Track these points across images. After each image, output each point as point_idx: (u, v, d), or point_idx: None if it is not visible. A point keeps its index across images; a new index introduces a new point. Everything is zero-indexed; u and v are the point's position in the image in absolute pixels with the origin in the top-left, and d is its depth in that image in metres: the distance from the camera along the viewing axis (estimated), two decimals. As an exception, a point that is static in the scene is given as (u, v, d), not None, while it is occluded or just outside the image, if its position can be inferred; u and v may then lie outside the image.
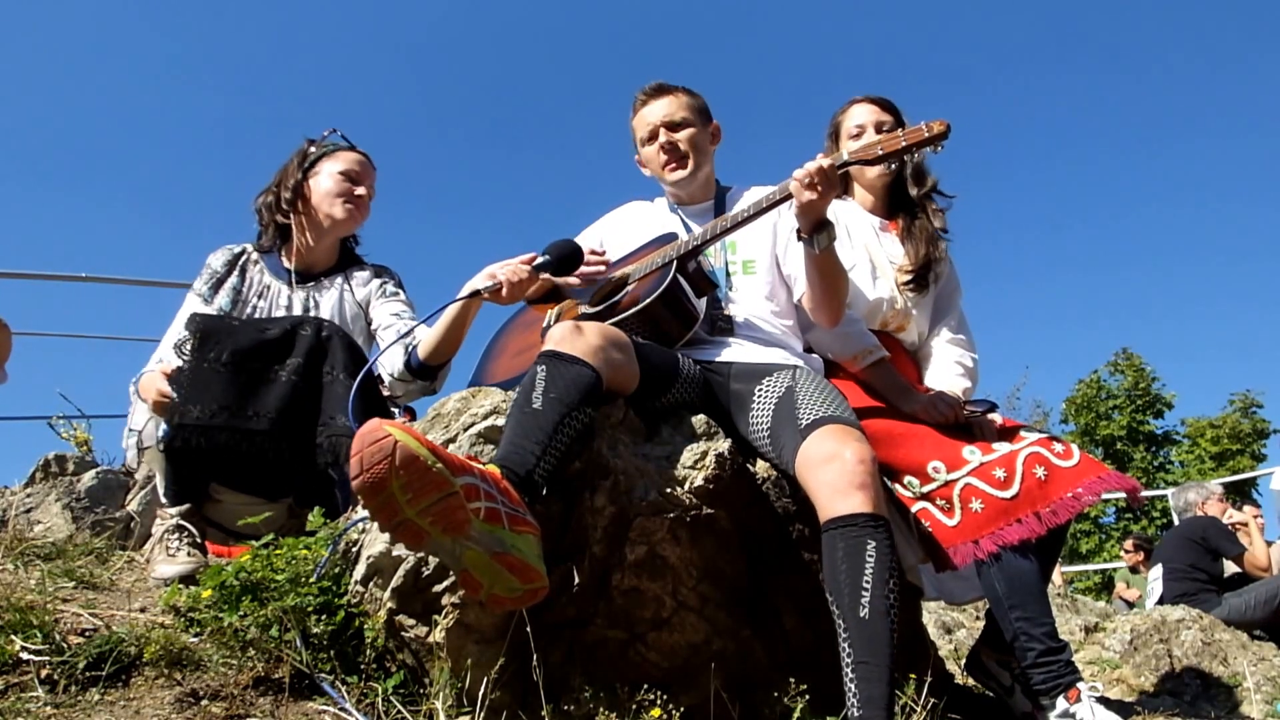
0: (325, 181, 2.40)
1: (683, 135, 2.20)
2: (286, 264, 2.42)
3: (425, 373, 2.24)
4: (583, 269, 2.08)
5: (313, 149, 2.46)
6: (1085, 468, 1.81)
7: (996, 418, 2.01)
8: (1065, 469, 1.81)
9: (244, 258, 2.42)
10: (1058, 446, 1.86)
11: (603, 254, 2.13)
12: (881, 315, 2.26)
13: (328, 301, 2.38)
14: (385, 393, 2.29)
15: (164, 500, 2.11)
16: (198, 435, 1.94)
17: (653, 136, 2.22)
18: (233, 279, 2.36)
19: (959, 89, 36.38)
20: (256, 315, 2.33)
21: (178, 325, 2.29)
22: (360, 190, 2.42)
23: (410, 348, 2.24)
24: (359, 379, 1.83)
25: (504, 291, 1.93)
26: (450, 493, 1.26)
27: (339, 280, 2.43)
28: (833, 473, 1.56)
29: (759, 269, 2.12)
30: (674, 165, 2.20)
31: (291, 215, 2.40)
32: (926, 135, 1.73)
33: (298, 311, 2.35)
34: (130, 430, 2.20)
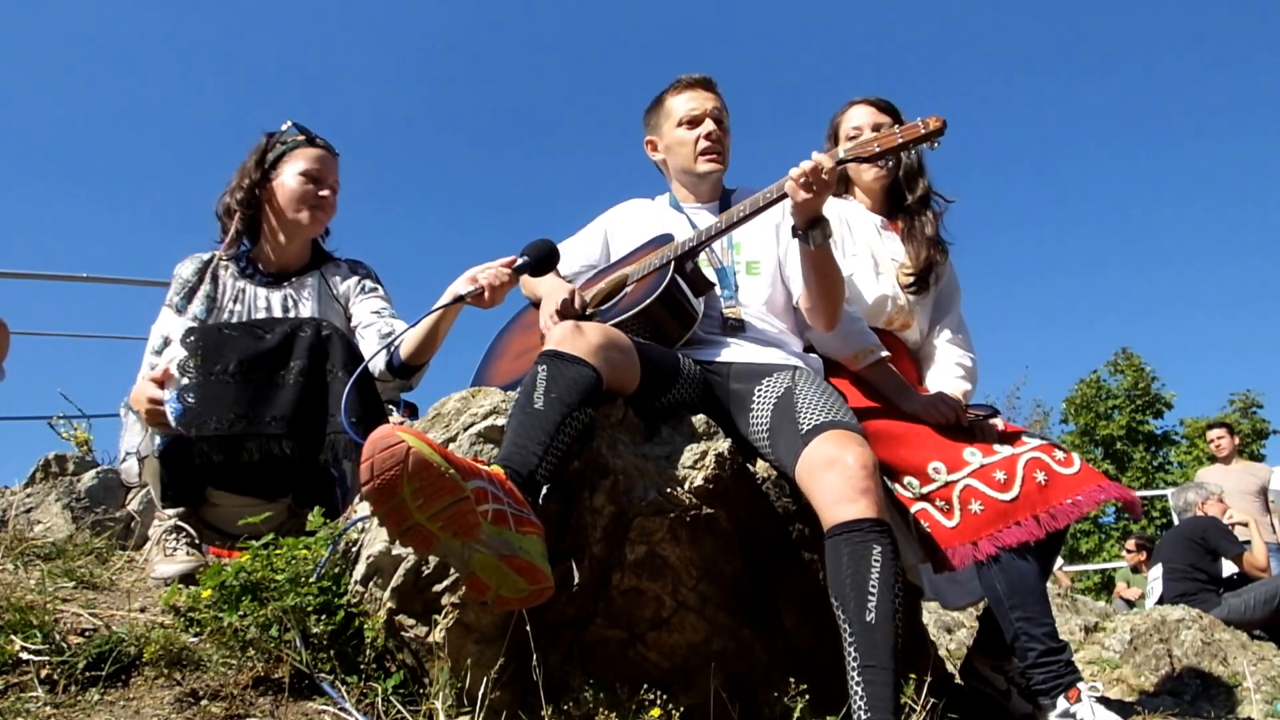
0: (289, 182, 2.35)
1: (725, 136, 2.21)
2: (260, 266, 2.39)
3: (405, 372, 2.27)
4: (553, 316, 1.99)
5: (271, 147, 2.40)
6: (1085, 476, 1.82)
7: (998, 423, 2.01)
8: (1066, 475, 1.81)
9: (214, 264, 2.38)
10: (1059, 454, 1.86)
11: (582, 295, 2.08)
12: (885, 313, 2.26)
13: (308, 302, 2.37)
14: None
15: (159, 506, 2.11)
16: (218, 447, 1.94)
17: (695, 122, 2.19)
18: (205, 286, 2.33)
19: (959, 88, 36.38)
20: (235, 320, 2.30)
21: (154, 340, 2.26)
22: (324, 191, 2.38)
23: (392, 349, 2.25)
24: (352, 381, 1.84)
25: (486, 295, 1.94)
26: (461, 497, 1.26)
27: (315, 279, 2.42)
28: (835, 478, 1.56)
29: (763, 269, 2.12)
30: (714, 157, 2.18)
31: (254, 216, 2.36)
32: (923, 132, 1.72)
33: (277, 312, 2.34)
34: (127, 453, 2.19)
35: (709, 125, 2.18)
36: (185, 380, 1.99)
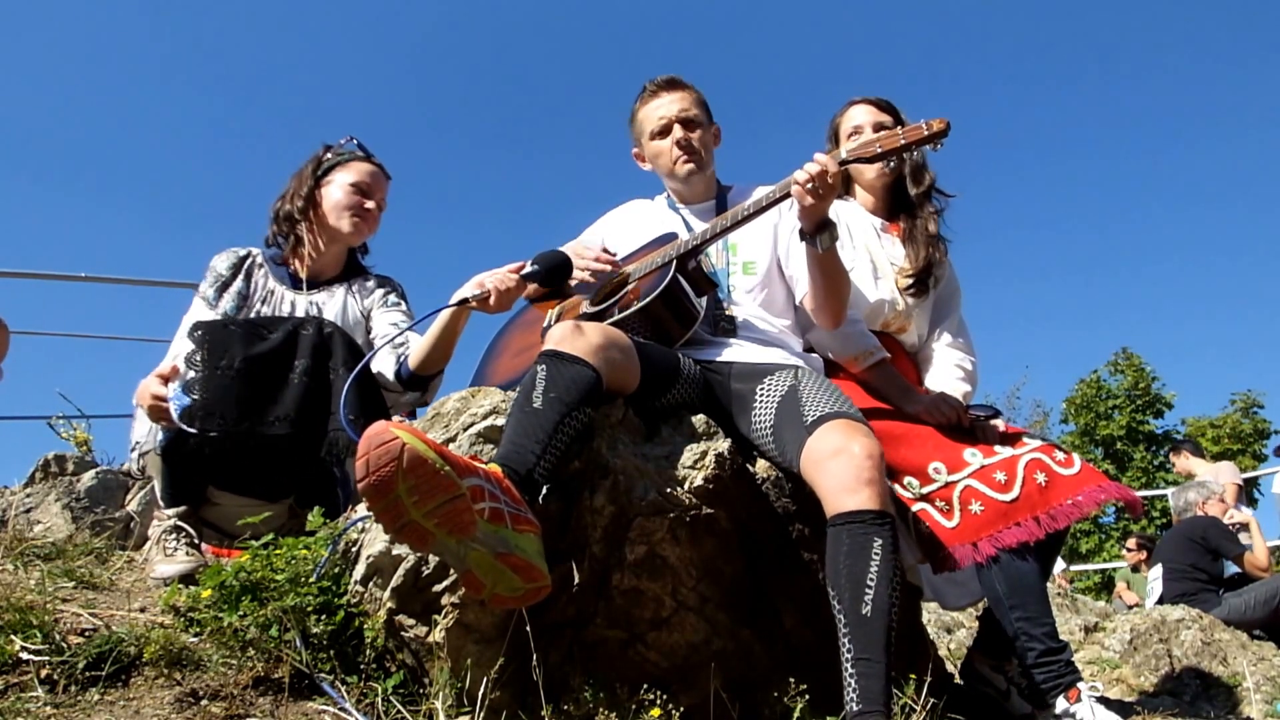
0: (336, 192, 2.39)
1: (696, 134, 2.19)
2: (294, 269, 2.41)
3: (416, 383, 2.26)
4: (592, 264, 2.07)
5: (327, 156, 2.45)
6: (1086, 476, 1.81)
7: (999, 424, 2.01)
8: (1066, 476, 1.81)
9: (249, 261, 2.41)
10: (1059, 454, 1.86)
11: (613, 255, 2.13)
12: (883, 317, 2.26)
13: (331, 309, 2.38)
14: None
15: (161, 503, 2.12)
16: (223, 444, 1.95)
17: (665, 131, 2.19)
18: (238, 283, 2.36)
19: (959, 88, 36.40)
20: None
21: (184, 329, 2.28)
22: (369, 204, 2.41)
23: (401, 358, 2.25)
24: (349, 381, 1.84)
25: (492, 300, 1.94)
26: (457, 495, 1.26)
27: (343, 289, 2.44)
28: (840, 467, 1.55)
29: (759, 269, 2.12)
30: (688, 160, 2.17)
31: (303, 222, 2.40)
32: (926, 133, 1.72)
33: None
34: (135, 444, 2.20)
35: (677, 132, 2.17)
36: (191, 374, 2.00)
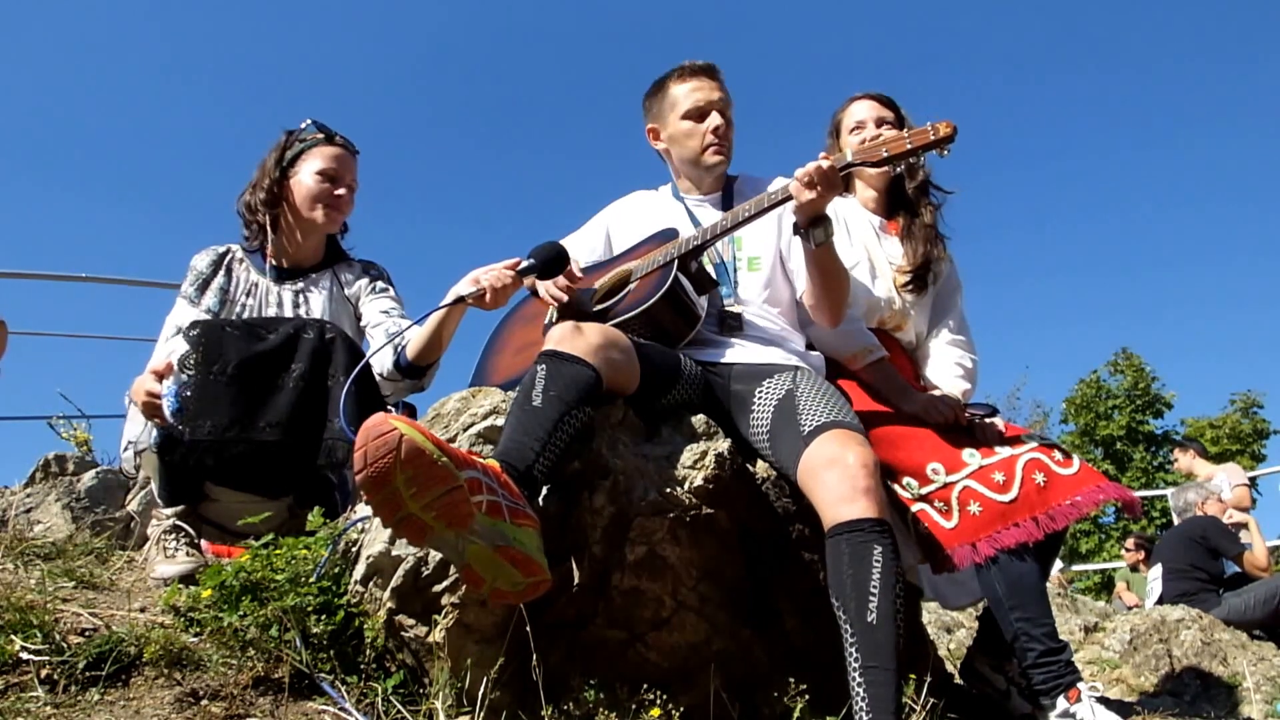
0: (306, 181, 2.36)
1: (731, 129, 2.17)
2: (273, 261, 2.40)
3: (413, 371, 2.26)
4: (553, 290, 2.00)
5: (290, 144, 2.41)
6: (1084, 477, 1.81)
7: (999, 422, 2.01)
8: (1065, 476, 1.81)
9: (229, 257, 2.40)
10: (1058, 454, 1.86)
11: (578, 279, 2.04)
12: (879, 314, 2.25)
13: (317, 299, 2.37)
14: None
15: (159, 501, 2.11)
16: (211, 450, 1.94)
17: (701, 114, 2.14)
18: (219, 279, 2.34)
19: (959, 88, 36.40)
20: (246, 314, 2.31)
21: (168, 330, 2.27)
22: (340, 191, 2.38)
23: (399, 347, 2.25)
24: (349, 381, 1.84)
25: (488, 297, 1.93)
26: (455, 486, 1.26)
27: (327, 277, 2.42)
28: (836, 478, 1.56)
29: (764, 265, 2.11)
30: (721, 151, 2.15)
31: (274, 214, 2.37)
32: (933, 138, 1.68)
33: (288, 309, 2.34)
34: (128, 443, 2.19)
35: (715, 119, 2.13)
36: (184, 377, 1.99)
